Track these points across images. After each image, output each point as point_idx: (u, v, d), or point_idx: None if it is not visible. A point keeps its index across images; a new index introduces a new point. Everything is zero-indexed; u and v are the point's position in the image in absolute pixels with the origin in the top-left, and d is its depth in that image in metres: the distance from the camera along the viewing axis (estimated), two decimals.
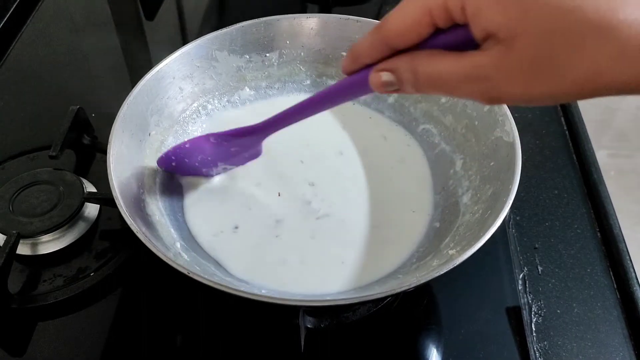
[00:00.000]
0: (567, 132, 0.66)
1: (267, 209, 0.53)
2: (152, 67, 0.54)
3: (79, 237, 0.55)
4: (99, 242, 0.55)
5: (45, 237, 0.54)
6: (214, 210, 0.53)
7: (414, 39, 0.32)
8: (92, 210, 0.57)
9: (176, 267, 0.40)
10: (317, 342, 0.47)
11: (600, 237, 0.57)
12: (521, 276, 0.53)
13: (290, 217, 0.52)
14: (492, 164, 0.50)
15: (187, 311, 0.51)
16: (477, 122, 0.53)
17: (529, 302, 0.51)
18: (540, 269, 0.54)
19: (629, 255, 0.54)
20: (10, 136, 0.67)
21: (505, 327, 0.49)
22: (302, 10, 0.86)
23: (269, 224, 0.52)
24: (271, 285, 0.48)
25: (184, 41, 0.70)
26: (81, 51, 0.80)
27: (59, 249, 0.54)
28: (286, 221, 0.52)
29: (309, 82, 0.63)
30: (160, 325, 0.50)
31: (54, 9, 0.85)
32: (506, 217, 0.45)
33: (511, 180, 0.45)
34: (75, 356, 0.49)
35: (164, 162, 0.52)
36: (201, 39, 0.57)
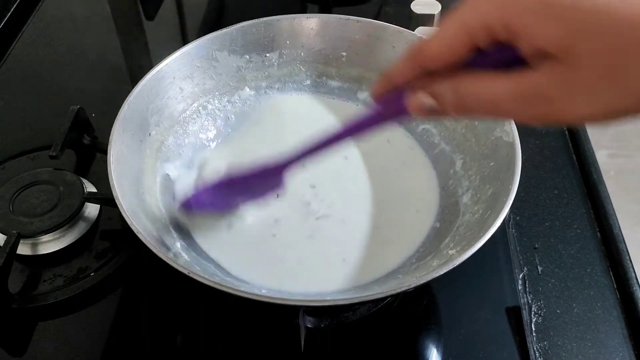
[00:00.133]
0: (566, 132, 0.66)
1: (265, 209, 0.53)
2: (152, 67, 0.54)
3: (79, 237, 0.55)
4: (99, 242, 0.55)
5: (45, 237, 0.54)
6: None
7: (452, 61, 0.31)
8: (92, 210, 0.57)
9: (176, 267, 0.40)
10: (317, 342, 0.47)
11: (600, 237, 0.56)
12: (521, 276, 0.53)
13: (288, 217, 0.52)
14: (492, 164, 0.50)
15: (187, 311, 0.51)
16: (477, 122, 0.53)
17: (528, 302, 0.51)
18: (540, 269, 0.54)
19: (629, 255, 0.54)
20: (10, 136, 0.67)
21: (505, 327, 0.49)
22: (302, 10, 0.86)
23: (267, 223, 0.52)
24: (268, 283, 0.48)
25: (184, 41, 0.70)
26: (81, 51, 0.80)
27: (59, 249, 0.54)
28: (284, 220, 0.52)
29: (309, 82, 0.62)
30: (160, 325, 0.50)
31: (54, 9, 0.85)
32: (506, 217, 0.45)
33: (511, 180, 0.45)
34: (75, 356, 0.49)
35: (185, 207, 0.51)
36: (201, 39, 0.57)
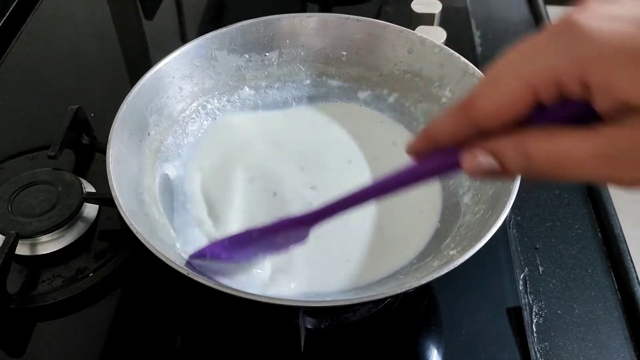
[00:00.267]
0: None
1: (264, 207, 0.52)
2: (151, 67, 0.54)
3: (78, 237, 0.55)
4: (98, 242, 0.55)
5: (44, 238, 0.54)
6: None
7: (510, 119, 0.28)
8: (91, 210, 0.57)
9: (176, 268, 0.39)
10: (317, 343, 0.47)
11: (601, 237, 0.56)
12: (522, 276, 0.53)
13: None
14: None
15: (187, 312, 0.51)
16: None
17: (529, 302, 0.51)
18: (541, 269, 0.54)
19: (630, 255, 0.54)
20: (8, 136, 0.67)
21: (505, 327, 0.49)
22: (302, 9, 0.86)
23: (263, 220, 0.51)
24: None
25: (184, 40, 0.70)
26: (80, 50, 0.79)
27: (58, 249, 0.54)
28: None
29: (308, 81, 0.62)
30: (159, 325, 0.50)
31: (53, 9, 0.85)
32: (507, 218, 0.45)
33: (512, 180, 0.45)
34: (74, 357, 0.48)
35: (196, 259, 0.46)
36: (201, 39, 0.57)
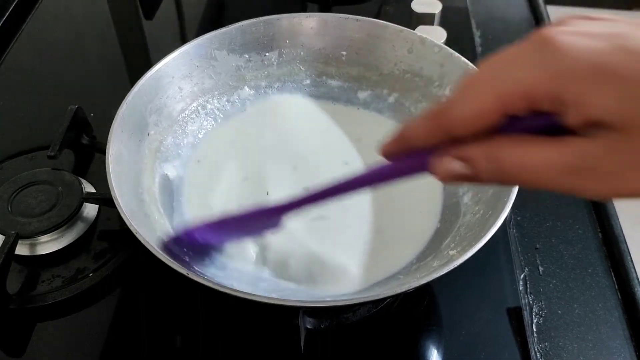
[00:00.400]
0: None
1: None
2: (151, 67, 0.54)
3: (77, 237, 0.55)
4: (98, 242, 0.55)
5: (43, 238, 0.54)
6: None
7: (481, 128, 0.29)
8: (90, 210, 0.57)
9: (175, 268, 0.39)
10: (317, 343, 0.47)
11: (601, 237, 0.56)
12: (522, 277, 0.53)
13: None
14: None
15: (186, 312, 0.51)
16: None
17: (529, 302, 0.51)
18: (541, 269, 0.54)
19: (630, 255, 0.54)
20: (8, 136, 0.67)
21: (506, 327, 0.49)
22: (302, 9, 0.86)
23: None
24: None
25: (183, 40, 0.70)
26: (80, 50, 0.79)
27: (57, 249, 0.54)
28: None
29: (308, 81, 0.62)
30: (159, 325, 0.50)
31: (53, 8, 0.85)
32: (507, 218, 0.45)
33: None
34: (74, 357, 0.48)
35: (176, 241, 0.45)
36: (200, 38, 0.57)
